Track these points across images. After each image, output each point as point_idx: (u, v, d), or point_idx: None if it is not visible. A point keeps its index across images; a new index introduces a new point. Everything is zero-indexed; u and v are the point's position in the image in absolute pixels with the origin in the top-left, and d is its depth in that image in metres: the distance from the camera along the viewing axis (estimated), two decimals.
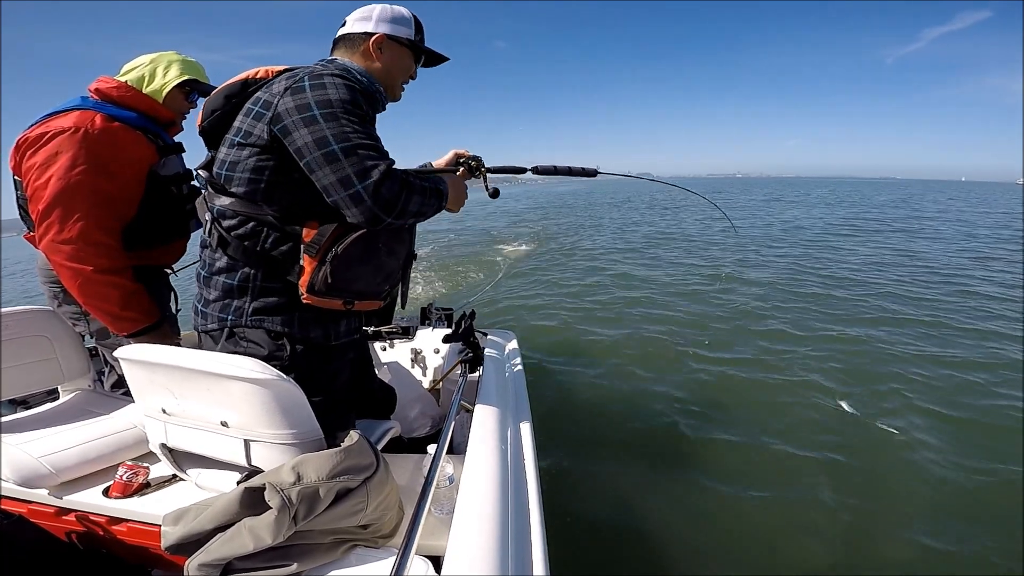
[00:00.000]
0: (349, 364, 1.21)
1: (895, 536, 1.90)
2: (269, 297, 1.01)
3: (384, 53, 1.10)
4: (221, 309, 1.02)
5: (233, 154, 0.97)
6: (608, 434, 2.68)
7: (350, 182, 0.88)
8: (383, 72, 1.12)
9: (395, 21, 1.11)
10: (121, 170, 1.32)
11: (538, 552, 0.88)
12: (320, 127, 0.89)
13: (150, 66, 1.43)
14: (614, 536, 1.94)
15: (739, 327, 4.34)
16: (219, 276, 1.02)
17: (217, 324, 1.03)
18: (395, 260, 1.12)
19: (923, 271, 6.64)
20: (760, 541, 1.89)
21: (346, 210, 0.91)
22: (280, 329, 1.02)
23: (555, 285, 6.33)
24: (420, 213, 0.99)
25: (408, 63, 1.16)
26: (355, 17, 1.11)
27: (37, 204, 1.24)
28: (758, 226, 12.55)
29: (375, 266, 1.05)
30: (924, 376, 3.24)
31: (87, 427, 1.27)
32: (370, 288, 1.07)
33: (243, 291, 1.01)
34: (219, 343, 1.03)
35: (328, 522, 0.84)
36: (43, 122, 1.28)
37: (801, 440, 2.56)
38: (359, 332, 1.23)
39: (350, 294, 1.03)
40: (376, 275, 1.07)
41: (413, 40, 1.14)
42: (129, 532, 1.04)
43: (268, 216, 0.98)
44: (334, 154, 0.88)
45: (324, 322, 1.07)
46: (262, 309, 1.01)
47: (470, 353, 1.71)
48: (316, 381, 1.05)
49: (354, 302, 1.05)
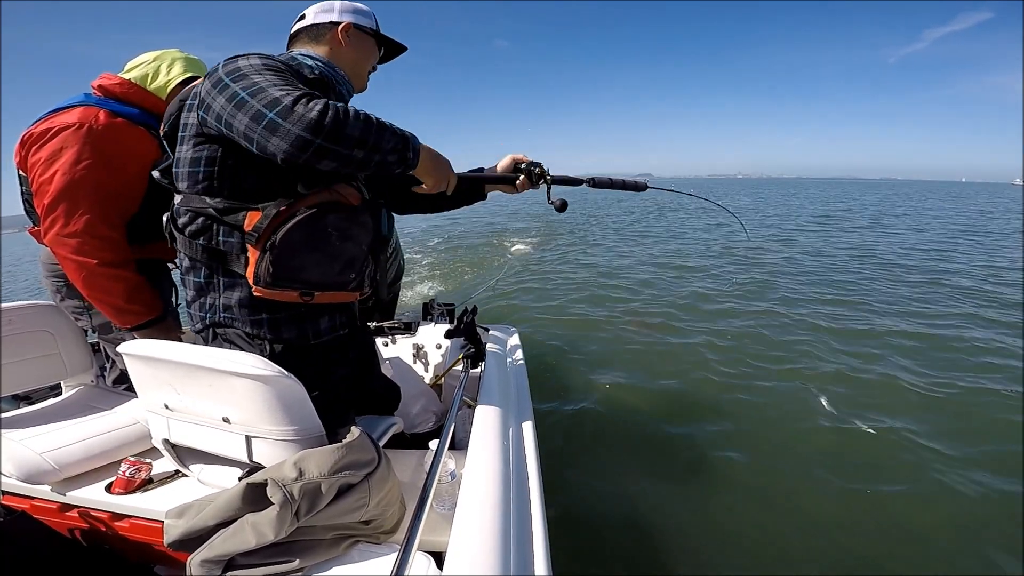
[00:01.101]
0: (348, 362, 1.17)
1: (898, 536, 1.90)
2: (232, 292, 0.99)
3: (351, 40, 1.12)
4: (199, 308, 1.02)
5: (180, 151, 0.98)
6: (610, 430, 2.68)
7: (261, 115, 0.80)
8: (351, 59, 1.14)
9: (358, 12, 1.14)
10: (125, 165, 1.33)
11: (540, 548, 0.88)
12: (230, 88, 0.85)
13: (154, 63, 1.44)
14: (616, 532, 1.93)
15: (741, 327, 4.33)
16: (188, 276, 1.03)
17: (201, 323, 1.04)
18: (354, 246, 1.01)
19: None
20: (761, 541, 1.88)
21: (269, 147, 0.81)
22: (251, 331, 0.99)
23: (558, 281, 6.32)
24: (365, 142, 0.83)
25: (374, 51, 1.19)
26: (316, 9, 1.13)
27: (42, 199, 1.26)
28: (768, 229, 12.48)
29: (327, 253, 0.96)
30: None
31: (90, 423, 1.28)
32: (327, 278, 0.99)
33: (210, 287, 1.01)
34: (209, 342, 1.04)
35: (330, 518, 0.84)
36: (47, 118, 1.29)
37: (803, 439, 2.55)
38: (348, 328, 1.13)
39: (302, 284, 0.95)
40: (331, 263, 0.98)
41: (375, 29, 1.17)
42: (132, 528, 1.04)
43: (210, 209, 0.94)
44: (243, 99, 0.83)
45: (299, 321, 1.02)
46: (229, 306, 0.99)
47: (472, 349, 1.70)
48: (305, 380, 0.99)
49: (313, 293, 0.97)
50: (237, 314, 0.99)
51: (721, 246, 8.91)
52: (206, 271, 1.00)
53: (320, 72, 1.05)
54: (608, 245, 9.58)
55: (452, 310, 2.40)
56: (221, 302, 0.99)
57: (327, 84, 1.07)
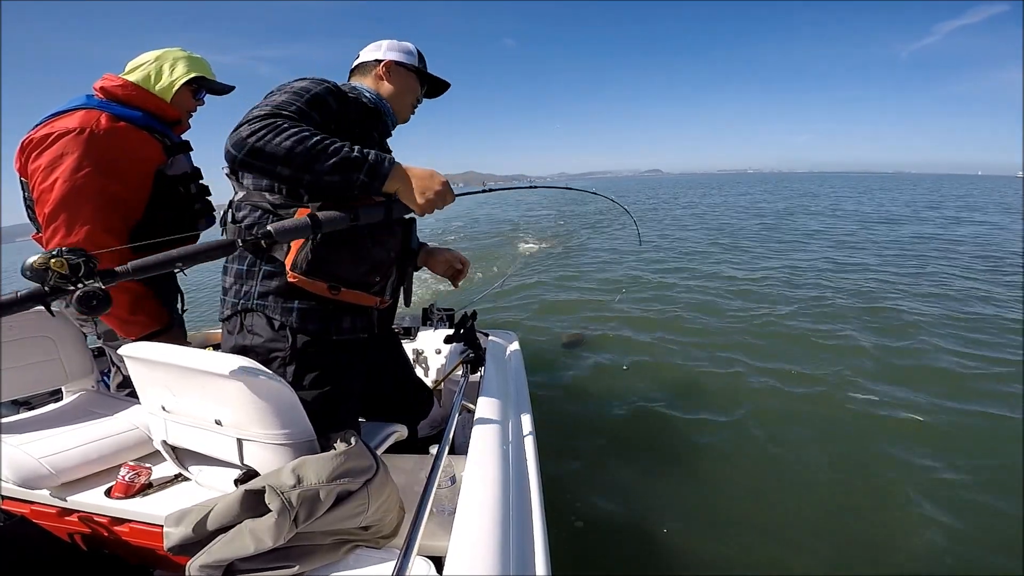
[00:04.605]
0: (362, 365, 1.22)
1: (899, 535, 1.90)
2: (271, 280, 1.06)
3: (392, 76, 1.26)
4: (234, 295, 1.09)
5: None
6: (610, 434, 2.67)
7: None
8: (393, 93, 1.26)
9: (402, 51, 1.28)
10: (128, 171, 1.31)
11: (540, 552, 0.88)
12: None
13: (155, 64, 1.40)
14: (616, 536, 1.93)
15: (745, 326, 4.33)
16: (232, 263, 1.10)
17: (230, 309, 1.09)
18: (383, 251, 1.11)
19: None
20: (763, 540, 1.88)
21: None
22: (280, 319, 1.05)
23: (557, 286, 6.32)
24: (291, 162, 0.88)
25: (414, 86, 1.31)
26: (367, 49, 1.29)
27: (43, 207, 1.22)
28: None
29: (359, 253, 1.06)
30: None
31: (89, 428, 1.28)
32: (354, 276, 1.08)
33: (250, 275, 1.07)
34: (233, 332, 1.10)
35: (329, 524, 0.84)
36: (48, 122, 1.26)
37: (806, 439, 2.55)
38: (367, 333, 1.19)
39: (333, 278, 1.04)
40: (361, 263, 1.07)
41: (417, 67, 1.29)
42: (131, 533, 1.04)
43: (267, 203, 1.03)
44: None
45: (324, 316, 1.08)
46: (265, 293, 1.06)
47: (472, 353, 1.71)
48: (323, 372, 1.10)
49: (340, 288, 1.06)
50: (271, 302, 1.06)
51: (712, 242, 8.92)
52: (250, 259, 1.07)
53: (375, 104, 1.21)
54: (610, 247, 9.58)
55: (452, 315, 2.40)
56: (258, 289, 1.06)
57: (379, 113, 1.23)
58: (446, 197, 1.05)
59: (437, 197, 1.03)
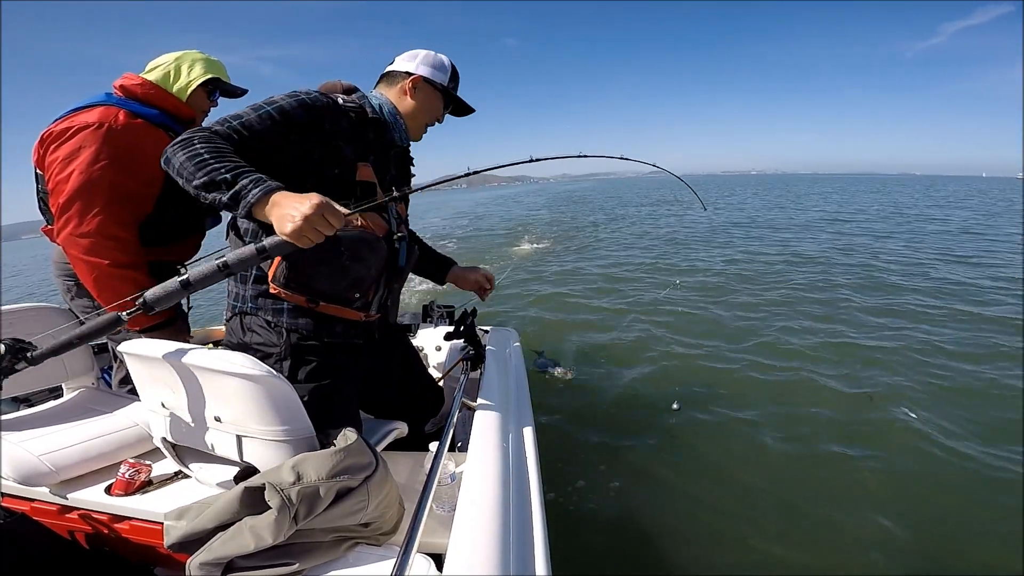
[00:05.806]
0: (357, 369, 1.23)
1: (902, 536, 1.89)
2: (260, 285, 1.09)
3: (418, 93, 1.21)
4: (233, 298, 1.13)
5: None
6: (610, 431, 2.67)
7: None
8: (413, 110, 1.22)
9: (435, 66, 1.23)
10: (141, 167, 1.33)
11: (540, 550, 0.88)
12: None
13: (174, 64, 1.44)
14: (616, 534, 1.93)
15: (746, 327, 4.32)
16: None
17: (231, 312, 1.14)
18: (363, 267, 1.08)
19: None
20: (763, 540, 1.88)
21: None
22: (274, 320, 1.09)
23: (558, 283, 6.31)
24: (181, 175, 0.90)
25: (437, 106, 1.26)
26: (402, 57, 1.24)
27: (58, 197, 1.26)
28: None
29: (336, 269, 1.05)
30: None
31: (89, 425, 1.28)
32: (333, 291, 1.07)
33: (245, 279, 1.11)
34: (235, 334, 1.13)
35: (329, 521, 0.84)
36: (68, 117, 1.30)
37: (807, 439, 2.54)
38: (362, 340, 1.20)
39: (311, 292, 1.06)
40: (339, 279, 1.06)
41: (446, 86, 1.25)
42: (131, 530, 1.04)
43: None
44: None
45: (315, 319, 1.10)
46: (258, 295, 1.09)
47: (472, 351, 1.70)
48: (317, 369, 1.11)
49: (318, 302, 1.07)
50: (262, 304, 1.09)
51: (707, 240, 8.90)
52: None
53: (381, 113, 1.18)
54: (612, 244, 9.58)
55: (452, 312, 2.40)
56: (250, 293, 1.10)
57: (383, 125, 1.19)
58: (318, 222, 0.84)
59: (305, 223, 0.83)
